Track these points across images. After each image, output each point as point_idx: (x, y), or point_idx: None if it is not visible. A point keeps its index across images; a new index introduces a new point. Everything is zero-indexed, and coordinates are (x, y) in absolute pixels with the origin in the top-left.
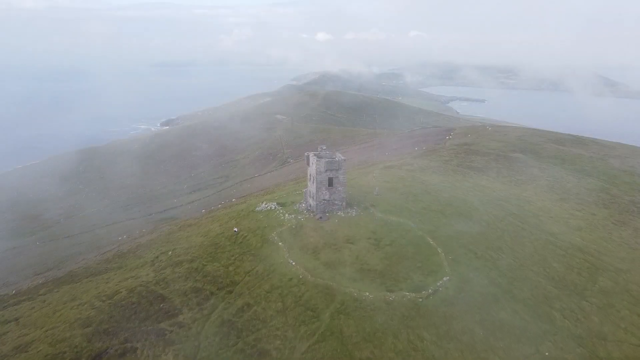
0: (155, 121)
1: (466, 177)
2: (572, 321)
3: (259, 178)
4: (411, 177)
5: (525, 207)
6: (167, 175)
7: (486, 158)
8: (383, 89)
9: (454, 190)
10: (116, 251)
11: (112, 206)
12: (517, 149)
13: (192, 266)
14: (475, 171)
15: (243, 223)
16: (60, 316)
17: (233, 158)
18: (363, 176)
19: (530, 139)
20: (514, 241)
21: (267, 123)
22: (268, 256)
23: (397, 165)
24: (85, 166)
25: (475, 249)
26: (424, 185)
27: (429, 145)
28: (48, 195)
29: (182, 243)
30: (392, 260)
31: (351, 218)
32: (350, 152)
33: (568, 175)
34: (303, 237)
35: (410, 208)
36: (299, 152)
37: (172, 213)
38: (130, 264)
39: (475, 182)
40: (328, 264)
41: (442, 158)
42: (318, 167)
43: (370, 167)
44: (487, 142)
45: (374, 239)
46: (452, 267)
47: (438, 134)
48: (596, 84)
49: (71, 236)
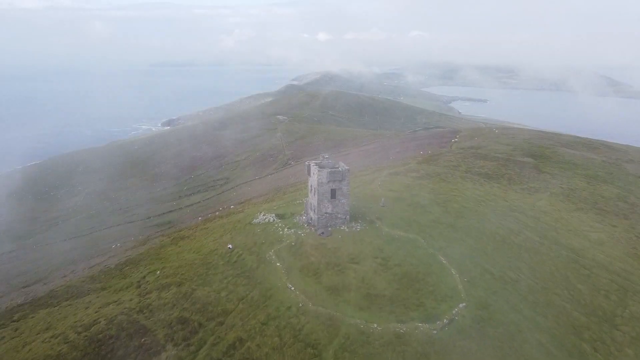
0: (156, 121)
1: (476, 185)
2: (604, 355)
3: (259, 181)
4: (418, 185)
5: (542, 219)
6: (167, 177)
7: (495, 163)
8: (384, 89)
9: (465, 200)
10: (104, 266)
11: (111, 208)
12: (527, 153)
13: (180, 290)
14: (485, 178)
15: (238, 238)
16: (29, 351)
17: (233, 159)
18: (367, 184)
19: (539, 142)
20: (532, 259)
21: (268, 124)
22: (264, 279)
23: (402, 172)
24: (84, 167)
25: (492, 268)
26: (432, 194)
27: (434, 149)
28: (47, 197)
29: (173, 260)
30: (401, 284)
31: (356, 233)
32: (352, 155)
33: (582, 182)
34: (303, 256)
35: (418, 221)
36: (299, 154)
37: (170, 217)
38: (115, 285)
39: (487, 191)
40: (331, 289)
41: (450, 163)
42: (320, 178)
43: (374, 173)
44: (495, 145)
45: (381, 257)
46: (468, 291)
47: (443, 137)
48: (599, 83)
49: (68, 239)
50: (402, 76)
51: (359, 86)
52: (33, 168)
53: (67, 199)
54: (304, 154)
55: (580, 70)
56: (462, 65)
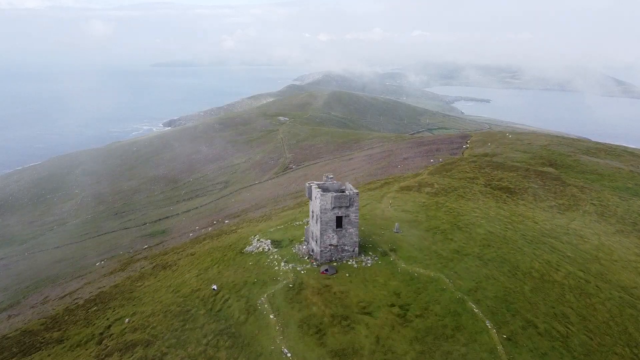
0: (157, 121)
1: (499, 203)
2: None
3: (259, 186)
4: (435, 204)
5: (580, 247)
6: (165, 180)
7: (514, 174)
8: (387, 89)
9: (489, 222)
10: (73, 300)
11: (107, 212)
12: (547, 161)
13: (147, 355)
14: (507, 193)
15: (226, 274)
16: None
17: (233, 162)
18: (375, 202)
19: (557, 148)
20: (580, 303)
21: (269, 125)
22: (254, 339)
23: (414, 186)
24: (82, 170)
25: (534, 318)
26: (451, 215)
27: (444, 156)
28: (43, 200)
29: (146, 302)
30: (425, 344)
31: (366, 270)
32: (356, 161)
33: (612, 195)
34: (303, 304)
35: (439, 252)
36: (300, 157)
37: (165, 224)
38: (74, 337)
39: (512, 210)
40: (337, 355)
41: (465, 174)
42: (323, 203)
43: (382, 187)
44: (511, 152)
45: (399, 305)
46: (509, 355)
47: (452, 142)
48: (605, 84)
49: (61, 246)
50: (404, 76)
51: (361, 86)
52: (31, 170)
53: (64, 203)
54: (305, 158)
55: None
56: (464, 65)
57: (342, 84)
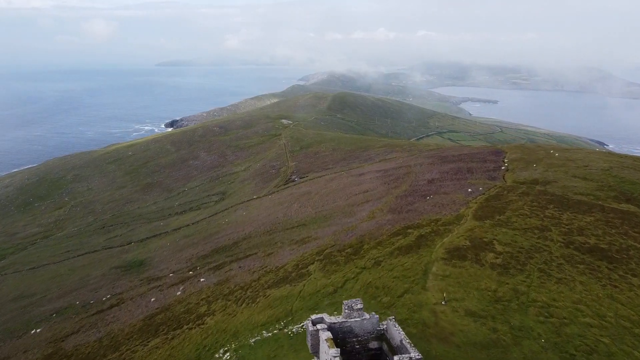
0: (159, 122)
1: (604, 283)
2: None
3: (257, 202)
4: (513, 295)
5: None
6: (159, 188)
7: (587, 217)
8: (393, 89)
9: (612, 336)
10: None
11: (95, 225)
12: (619, 193)
13: None
14: (605, 261)
15: None
16: None
17: (232, 170)
18: (417, 285)
19: (622, 173)
20: None
21: (272, 128)
22: None
23: (467, 247)
24: (73, 175)
25: None
26: (549, 325)
27: (481, 181)
28: (30, 208)
29: None
30: None
31: None
32: (367, 177)
33: None
34: None
35: None
36: (304, 167)
37: (148, 249)
38: None
39: (630, 300)
40: None
41: (527, 220)
42: None
43: (419, 246)
44: (568, 180)
45: None
46: None
47: (484, 159)
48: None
49: (36, 267)
50: (410, 76)
51: (367, 86)
52: (23, 174)
53: (51, 212)
54: (310, 168)
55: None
56: (471, 65)
57: (346, 84)
